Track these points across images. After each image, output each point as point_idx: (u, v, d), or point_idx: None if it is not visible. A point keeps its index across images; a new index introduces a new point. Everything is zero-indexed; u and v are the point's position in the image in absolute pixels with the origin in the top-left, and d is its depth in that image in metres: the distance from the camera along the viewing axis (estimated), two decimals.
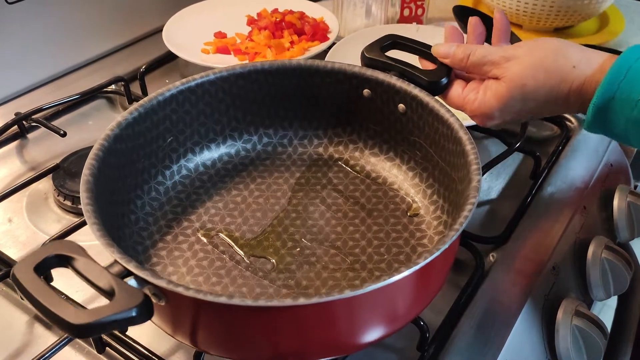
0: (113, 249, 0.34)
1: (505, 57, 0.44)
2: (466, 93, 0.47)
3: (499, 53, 0.45)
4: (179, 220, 0.49)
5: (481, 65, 0.46)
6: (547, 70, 0.43)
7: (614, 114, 0.40)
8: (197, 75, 0.50)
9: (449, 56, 0.48)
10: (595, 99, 0.40)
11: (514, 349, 0.47)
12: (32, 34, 0.72)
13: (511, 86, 0.44)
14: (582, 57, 0.43)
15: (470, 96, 0.47)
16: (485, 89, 0.46)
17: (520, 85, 0.43)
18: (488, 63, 0.45)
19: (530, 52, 0.44)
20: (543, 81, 0.43)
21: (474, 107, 0.46)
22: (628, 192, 0.63)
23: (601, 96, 0.40)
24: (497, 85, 0.45)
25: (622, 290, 0.57)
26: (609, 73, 0.40)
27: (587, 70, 0.42)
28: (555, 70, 0.43)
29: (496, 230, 0.54)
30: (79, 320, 0.29)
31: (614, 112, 0.40)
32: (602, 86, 0.40)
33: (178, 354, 0.45)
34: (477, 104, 0.46)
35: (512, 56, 0.44)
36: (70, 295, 0.48)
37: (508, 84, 0.44)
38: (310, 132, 0.56)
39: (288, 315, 0.34)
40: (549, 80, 0.43)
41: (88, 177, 0.40)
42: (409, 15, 0.83)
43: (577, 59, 0.42)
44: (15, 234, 0.55)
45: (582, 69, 0.42)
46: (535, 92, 0.43)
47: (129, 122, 0.46)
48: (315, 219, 0.50)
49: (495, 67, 0.45)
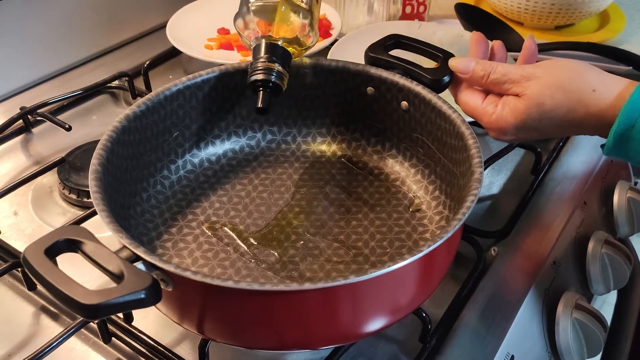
0: (122, 235, 0.35)
1: (525, 76, 0.44)
2: (485, 105, 0.47)
3: (519, 72, 0.45)
4: (183, 213, 0.50)
5: (501, 84, 0.46)
6: (566, 91, 0.43)
7: (633, 142, 0.40)
8: (203, 71, 0.51)
9: (468, 72, 0.47)
10: (616, 126, 0.40)
11: (515, 341, 0.47)
12: (37, 29, 0.73)
13: (529, 104, 0.44)
14: (601, 82, 0.43)
15: (488, 109, 0.46)
16: (503, 104, 0.46)
17: (538, 104, 0.43)
18: (508, 81, 0.45)
19: (550, 72, 0.44)
20: (561, 101, 0.43)
21: (492, 120, 0.46)
22: (628, 188, 0.64)
23: (622, 123, 0.40)
24: (515, 102, 0.45)
25: (621, 284, 0.58)
26: (629, 101, 0.40)
27: (607, 96, 0.42)
28: (574, 91, 0.43)
29: (497, 225, 0.54)
30: (90, 301, 0.30)
31: (633, 140, 0.40)
32: (623, 114, 0.40)
33: (183, 344, 0.46)
34: (495, 118, 0.46)
35: (531, 75, 0.44)
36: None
37: (526, 101, 0.44)
38: (313, 130, 0.57)
39: (294, 301, 0.34)
40: (567, 101, 0.43)
41: (97, 167, 0.41)
42: (410, 12, 0.83)
43: (596, 82, 0.42)
44: (21, 227, 0.56)
45: (602, 93, 0.42)
46: (552, 111, 0.43)
47: (136, 115, 0.46)
48: (318, 213, 0.50)
49: (515, 85, 0.45)
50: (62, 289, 0.30)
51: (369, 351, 0.45)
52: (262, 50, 0.48)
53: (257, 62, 0.47)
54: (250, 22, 0.49)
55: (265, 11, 0.49)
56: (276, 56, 0.47)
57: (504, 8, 0.86)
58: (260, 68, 0.47)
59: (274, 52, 0.48)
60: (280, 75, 0.47)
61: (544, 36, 0.84)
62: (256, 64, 0.47)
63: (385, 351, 0.45)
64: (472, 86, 0.48)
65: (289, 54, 0.49)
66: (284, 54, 0.48)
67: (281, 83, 0.48)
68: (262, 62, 0.47)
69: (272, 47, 0.48)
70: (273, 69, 0.47)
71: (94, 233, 0.35)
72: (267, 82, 0.47)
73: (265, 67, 0.47)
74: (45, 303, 0.49)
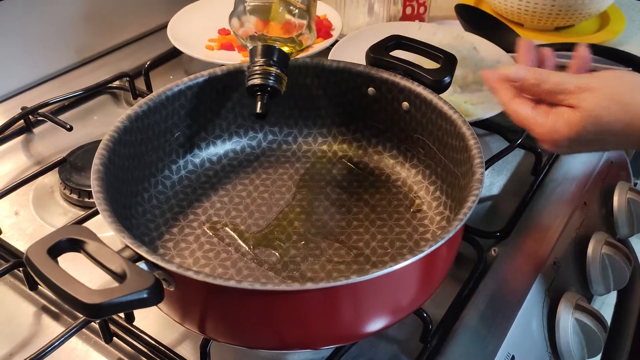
0: (124, 234, 0.35)
1: (581, 87, 0.43)
2: (535, 114, 0.45)
3: (573, 82, 0.43)
4: (185, 213, 0.50)
5: (555, 94, 0.44)
6: (623, 105, 0.41)
7: None
8: (204, 71, 0.51)
9: (519, 80, 0.45)
10: None
11: (516, 341, 0.47)
12: (39, 29, 0.73)
13: (585, 117, 0.42)
14: None
15: (538, 119, 0.44)
16: (557, 115, 0.43)
17: (595, 117, 0.42)
18: (562, 92, 0.43)
19: (607, 84, 0.42)
20: (618, 115, 0.41)
21: (543, 131, 0.44)
22: (628, 188, 0.64)
23: None
24: (570, 114, 0.43)
25: (621, 285, 0.58)
26: None
27: None
28: (632, 105, 0.41)
29: (498, 225, 0.55)
30: (93, 300, 0.30)
31: None
32: None
33: (184, 344, 0.46)
34: (547, 130, 0.44)
35: (587, 86, 0.42)
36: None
37: (582, 114, 0.42)
38: (314, 130, 0.57)
39: (295, 300, 0.34)
40: (624, 115, 0.41)
41: (98, 166, 0.41)
42: (411, 13, 0.83)
43: None
44: (22, 226, 0.56)
45: None
46: (609, 125, 0.42)
47: (138, 115, 0.46)
48: (319, 213, 0.50)
49: (569, 97, 0.43)
50: (65, 289, 0.30)
51: (370, 351, 0.45)
52: (258, 53, 0.47)
53: (255, 65, 0.47)
54: (246, 21, 0.49)
55: (261, 10, 0.49)
56: (274, 59, 0.47)
57: (504, 9, 0.86)
58: (258, 72, 0.46)
59: (271, 55, 0.47)
60: (278, 79, 0.47)
61: (543, 37, 0.84)
62: (253, 68, 0.47)
63: (386, 351, 0.45)
64: (522, 95, 0.46)
65: (286, 55, 0.48)
66: (281, 56, 0.47)
67: (279, 86, 0.47)
68: (260, 66, 0.46)
69: (269, 50, 0.47)
70: (271, 73, 0.46)
71: (96, 233, 0.35)
72: (265, 86, 0.46)
73: (262, 71, 0.46)
74: (47, 303, 0.49)
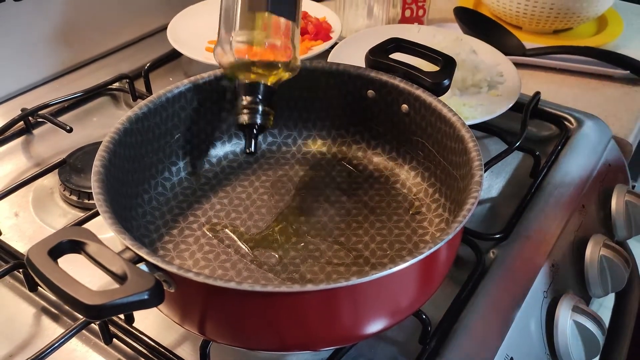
0: (124, 236, 0.35)
1: None
2: None
3: None
4: (184, 214, 0.50)
5: None
6: None
7: None
8: (205, 73, 0.51)
9: None
10: None
11: (514, 343, 0.48)
12: (39, 31, 0.73)
13: None
14: None
15: None
16: None
17: None
18: None
19: None
20: None
21: None
22: (626, 191, 0.64)
23: None
24: None
25: (619, 287, 0.58)
26: None
27: None
28: None
29: (496, 228, 0.55)
30: (94, 301, 0.30)
31: None
32: None
33: (184, 345, 0.46)
34: None
35: None
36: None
37: None
38: (314, 132, 0.57)
39: (296, 302, 0.35)
40: None
41: (99, 168, 0.41)
42: (410, 16, 0.84)
43: None
44: (22, 228, 0.56)
45: None
46: None
47: (138, 117, 0.46)
48: (318, 215, 0.50)
49: None
50: (66, 290, 0.31)
51: (369, 352, 0.45)
52: (243, 91, 0.48)
53: (241, 102, 0.48)
54: (230, 53, 0.49)
55: (247, 44, 0.49)
56: (259, 96, 0.48)
57: (503, 12, 0.87)
58: (245, 111, 0.48)
59: (256, 92, 0.48)
60: (265, 115, 0.48)
61: (542, 40, 0.84)
62: (241, 104, 0.48)
63: (385, 352, 0.45)
64: None
65: (272, 90, 0.49)
66: (266, 92, 0.48)
67: (266, 123, 0.49)
68: (246, 104, 0.48)
69: (254, 87, 0.48)
70: (257, 110, 0.48)
71: (96, 234, 0.35)
72: (253, 125, 0.48)
73: (249, 109, 0.48)
74: (46, 304, 0.49)
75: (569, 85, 0.77)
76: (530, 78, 0.78)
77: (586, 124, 0.67)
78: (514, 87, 0.67)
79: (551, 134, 0.69)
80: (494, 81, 0.69)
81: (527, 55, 0.80)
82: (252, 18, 0.48)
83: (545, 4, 0.81)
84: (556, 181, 0.60)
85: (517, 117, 0.65)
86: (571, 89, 0.76)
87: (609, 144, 0.68)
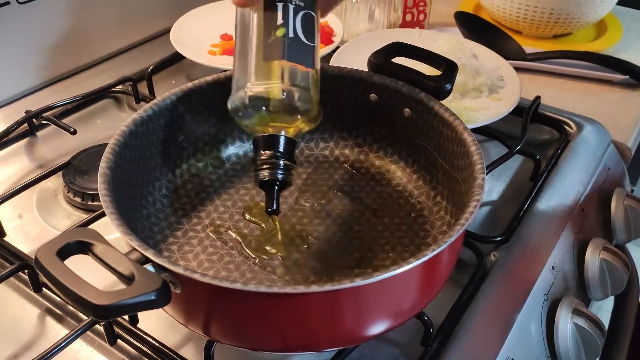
0: (131, 237, 0.36)
1: None
2: None
3: None
4: (188, 217, 0.50)
5: None
6: None
7: None
8: (209, 76, 0.51)
9: None
10: None
11: (515, 346, 0.48)
12: (42, 33, 0.73)
13: None
14: None
15: None
16: None
17: None
18: None
19: None
20: None
21: None
22: (625, 195, 0.65)
23: None
24: None
25: (619, 290, 0.58)
26: None
27: None
28: None
29: (497, 231, 0.55)
30: (102, 302, 0.30)
31: None
32: None
33: (188, 346, 0.46)
34: None
35: None
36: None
37: None
38: (316, 135, 0.57)
39: (300, 303, 0.35)
40: None
41: (105, 170, 0.41)
42: (411, 20, 0.84)
43: None
44: (26, 229, 0.56)
45: None
46: None
47: (143, 119, 0.47)
48: (321, 217, 0.51)
49: None
50: (75, 290, 0.31)
51: (372, 354, 0.46)
52: (262, 144, 0.44)
53: (261, 157, 0.44)
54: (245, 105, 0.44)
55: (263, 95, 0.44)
56: (280, 150, 0.44)
57: (503, 17, 0.87)
58: (265, 166, 0.44)
59: (276, 146, 0.44)
60: (287, 169, 0.44)
61: (542, 45, 0.85)
62: (260, 159, 0.44)
63: (387, 354, 0.46)
64: None
65: (293, 142, 0.45)
66: (287, 145, 0.44)
67: (288, 178, 0.44)
68: (266, 159, 0.44)
69: (274, 140, 0.44)
70: (278, 165, 0.44)
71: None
72: (274, 181, 0.44)
73: (270, 164, 0.44)
74: (51, 305, 0.49)
75: (569, 90, 0.78)
76: (530, 82, 0.78)
77: (586, 129, 0.68)
78: (514, 92, 0.68)
79: (551, 138, 0.69)
80: (494, 85, 0.69)
81: (527, 60, 0.80)
82: (269, 67, 0.44)
83: (545, 9, 0.82)
84: (556, 185, 0.61)
85: (517, 121, 0.65)
86: (571, 93, 0.77)
87: (608, 148, 0.68)
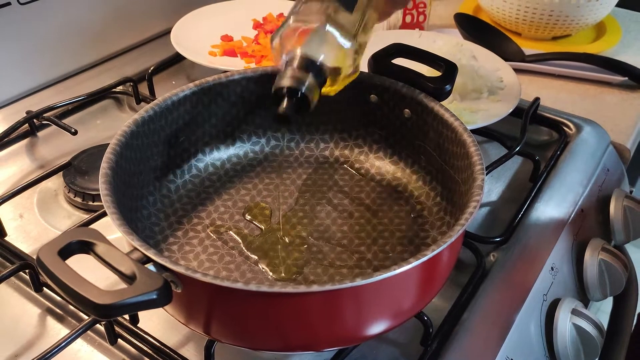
0: (132, 237, 0.36)
1: None
2: None
3: None
4: (189, 216, 0.51)
5: None
6: None
7: None
8: (209, 77, 0.52)
9: None
10: None
11: (514, 346, 0.48)
12: (43, 34, 0.74)
13: None
14: None
15: None
16: None
17: None
18: None
19: None
20: None
21: None
22: (624, 196, 0.65)
23: None
24: None
25: (618, 291, 0.59)
26: None
27: None
28: None
29: (497, 231, 0.55)
30: (104, 301, 0.31)
31: None
32: None
33: (188, 345, 0.46)
34: None
35: None
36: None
37: None
38: (317, 136, 0.57)
39: (301, 303, 0.35)
40: None
41: (106, 170, 0.42)
42: (411, 21, 0.85)
43: None
44: (27, 229, 0.57)
45: None
46: None
47: (145, 120, 0.47)
48: (322, 218, 0.51)
49: None
50: (77, 289, 0.31)
51: (371, 354, 0.46)
52: (295, 58, 0.40)
53: (287, 69, 0.40)
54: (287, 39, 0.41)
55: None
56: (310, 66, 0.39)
57: (502, 18, 0.88)
58: (289, 75, 0.39)
59: (308, 62, 0.39)
60: (311, 88, 0.39)
61: (541, 46, 0.85)
62: (285, 71, 0.40)
63: (387, 354, 0.46)
64: None
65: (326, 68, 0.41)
66: (320, 66, 0.40)
67: (310, 96, 0.40)
68: (292, 70, 0.39)
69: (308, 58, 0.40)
70: (304, 80, 0.39)
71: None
72: (295, 91, 0.39)
73: (295, 76, 0.39)
74: (51, 305, 0.50)
75: (568, 91, 0.78)
76: (529, 84, 0.79)
77: (585, 130, 0.68)
78: (513, 93, 0.68)
79: (550, 139, 0.69)
80: (494, 86, 0.70)
81: (527, 61, 0.81)
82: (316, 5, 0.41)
83: (544, 10, 0.82)
84: (555, 186, 0.61)
85: (516, 122, 0.65)
86: (570, 94, 0.77)
87: (607, 150, 0.68)
